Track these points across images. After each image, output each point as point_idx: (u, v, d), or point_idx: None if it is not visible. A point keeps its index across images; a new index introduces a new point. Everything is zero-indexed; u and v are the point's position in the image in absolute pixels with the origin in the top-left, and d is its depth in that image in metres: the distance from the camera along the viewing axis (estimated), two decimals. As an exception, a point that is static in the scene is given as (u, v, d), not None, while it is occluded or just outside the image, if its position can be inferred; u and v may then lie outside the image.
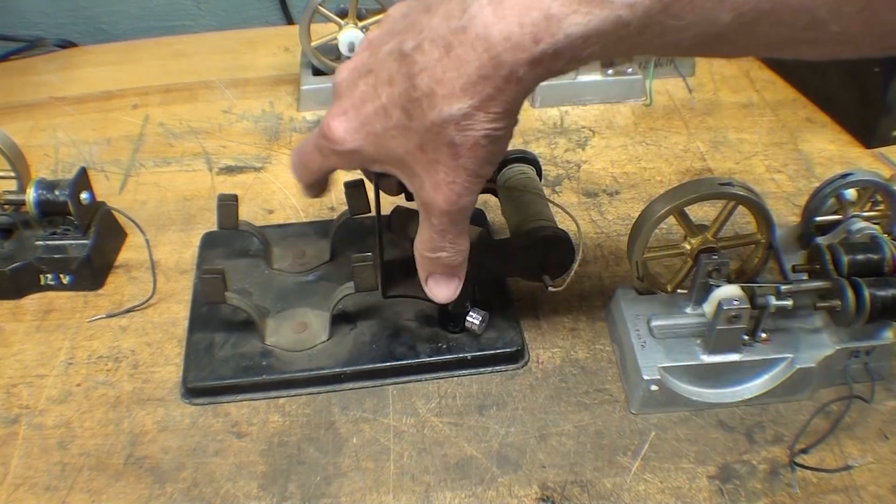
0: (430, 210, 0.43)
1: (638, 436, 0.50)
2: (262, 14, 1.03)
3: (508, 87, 0.37)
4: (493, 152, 0.40)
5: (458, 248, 0.46)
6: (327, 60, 0.81)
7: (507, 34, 0.35)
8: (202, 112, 0.81)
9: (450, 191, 0.41)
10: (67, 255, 0.59)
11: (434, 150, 0.40)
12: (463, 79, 0.37)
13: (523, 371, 0.54)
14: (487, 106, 0.37)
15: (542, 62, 0.35)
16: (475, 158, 0.40)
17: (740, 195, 0.51)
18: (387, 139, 0.41)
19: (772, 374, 0.51)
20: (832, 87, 0.79)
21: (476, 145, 0.39)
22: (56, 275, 0.59)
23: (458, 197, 0.42)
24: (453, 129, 0.38)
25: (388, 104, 0.40)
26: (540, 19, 0.34)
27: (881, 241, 0.50)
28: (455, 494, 0.47)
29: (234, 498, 0.47)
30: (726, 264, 0.51)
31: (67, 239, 0.60)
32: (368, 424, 0.51)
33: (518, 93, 0.37)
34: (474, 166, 0.40)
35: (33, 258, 0.59)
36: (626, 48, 0.36)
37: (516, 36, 0.35)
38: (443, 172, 0.41)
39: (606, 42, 0.35)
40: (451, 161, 0.40)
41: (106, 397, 0.52)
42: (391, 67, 0.40)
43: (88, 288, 0.60)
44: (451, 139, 0.39)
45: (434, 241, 0.45)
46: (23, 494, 0.47)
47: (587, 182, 0.71)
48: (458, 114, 0.38)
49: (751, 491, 0.47)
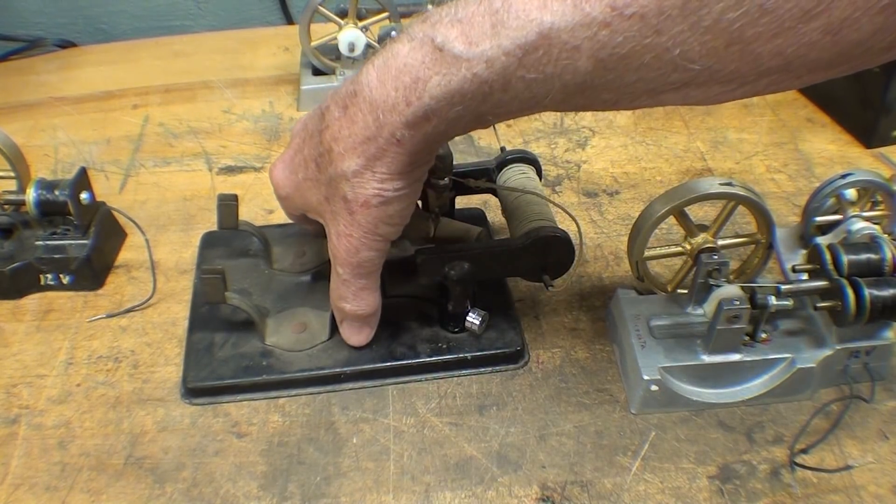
0: (335, 259, 0.46)
1: (638, 436, 0.50)
2: (262, 14, 1.03)
3: (391, 149, 0.39)
4: (388, 213, 0.43)
5: (361, 301, 0.48)
6: (327, 60, 0.81)
7: (385, 97, 0.38)
8: (202, 112, 0.81)
9: (348, 243, 0.44)
10: (67, 255, 0.59)
11: (333, 202, 0.43)
12: (353, 138, 0.40)
13: (523, 371, 0.54)
14: (374, 165, 0.40)
15: (415, 124, 0.38)
16: (368, 216, 0.42)
17: (740, 195, 0.51)
18: (304, 188, 0.45)
19: (772, 374, 0.51)
20: (832, 88, 0.79)
21: (367, 203, 0.42)
22: (56, 275, 0.59)
23: (355, 250, 0.44)
24: (346, 185, 0.41)
25: (307, 156, 0.44)
26: (409, 83, 0.36)
27: (881, 241, 0.50)
28: (455, 494, 0.47)
29: (234, 498, 0.47)
30: (726, 264, 0.51)
31: (67, 239, 0.60)
32: (368, 424, 0.51)
33: (402, 155, 0.39)
34: (368, 224, 0.43)
35: (33, 258, 0.59)
36: (495, 108, 0.37)
37: (392, 99, 0.37)
38: (342, 224, 0.44)
39: (471, 102, 0.36)
40: (346, 215, 0.43)
41: (106, 397, 0.52)
42: (315, 124, 0.44)
43: (88, 288, 0.60)
44: (345, 194, 0.42)
45: (339, 289, 0.48)
46: (23, 494, 0.47)
47: (587, 182, 0.71)
48: (348, 171, 0.41)
49: (751, 491, 0.47)
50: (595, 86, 0.34)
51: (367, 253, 0.45)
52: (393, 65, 0.37)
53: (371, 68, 0.39)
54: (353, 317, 0.50)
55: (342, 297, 0.48)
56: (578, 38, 0.32)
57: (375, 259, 0.46)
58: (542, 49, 0.33)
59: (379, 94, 0.38)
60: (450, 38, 0.35)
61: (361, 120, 0.39)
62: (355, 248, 0.44)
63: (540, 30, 0.33)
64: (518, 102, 0.36)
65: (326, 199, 0.44)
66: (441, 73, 0.36)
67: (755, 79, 0.33)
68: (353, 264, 0.45)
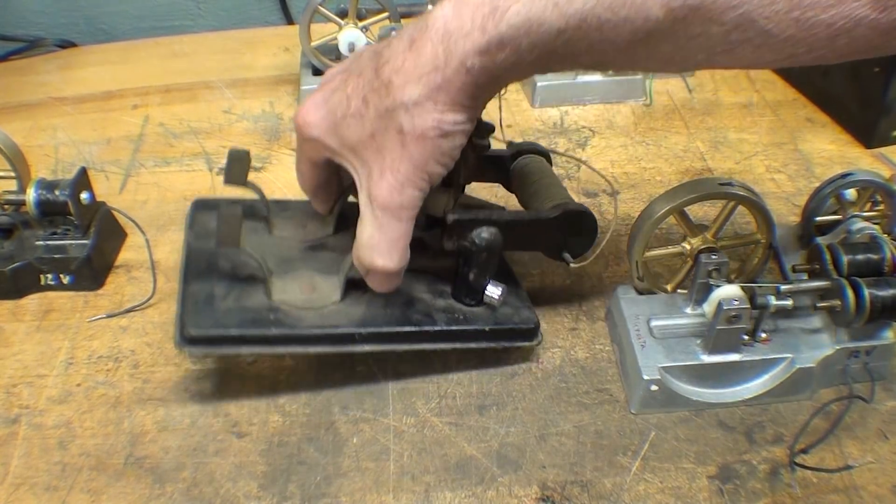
0: (373, 200, 0.44)
1: (638, 436, 0.50)
2: (262, 14, 1.03)
3: (457, 78, 0.39)
4: (441, 148, 0.42)
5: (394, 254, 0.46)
6: (327, 60, 0.81)
7: (460, 26, 0.38)
8: (202, 112, 0.81)
9: (394, 178, 0.43)
10: (68, 255, 0.59)
11: (383, 136, 0.42)
12: (418, 69, 0.40)
13: (524, 369, 0.54)
14: (437, 95, 0.40)
15: (488, 51, 0.38)
16: (422, 149, 0.42)
17: (740, 195, 0.51)
18: (343, 126, 0.43)
19: (772, 374, 0.51)
20: (832, 87, 0.79)
21: (423, 136, 0.41)
22: (56, 275, 0.59)
23: (400, 187, 0.43)
24: (403, 115, 0.41)
25: (350, 93, 0.43)
26: (488, 12, 0.37)
27: (881, 241, 0.50)
28: (455, 494, 0.47)
29: (234, 498, 0.47)
30: (726, 264, 0.51)
31: (68, 239, 0.59)
32: (368, 424, 0.51)
33: (467, 85, 0.40)
34: (420, 157, 0.42)
35: (33, 258, 0.59)
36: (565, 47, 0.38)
37: (467, 27, 0.38)
38: (389, 159, 0.42)
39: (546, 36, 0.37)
40: (398, 148, 0.42)
41: (106, 397, 0.52)
42: (365, 64, 0.43)
43: (89, 288, 0.60)
44: (400, 125, 0.41)
45: (372, 238, 0.45)
46: (23, 494, 0.47)
47: (587, 182, 0.71)
48: (409, 100, 0.40)
49: (751, 491, 0.47)
50: (660, 36, 0.36)
51: (411, 191, 0.43)
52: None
53: (446, 3, 0.39)
54: (381, 272, 0.47)
55: (374, 248, 0.46)
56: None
57: (417, 200, 0.44)
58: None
59: (454, 24, 0.38)
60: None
61: (430, 51, 0.39)
62: (400, 185, 0.43)
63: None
64: (586, 45, 0.37)
65: (372, 135, 0.42)
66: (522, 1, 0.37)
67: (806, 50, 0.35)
68: (396, 205, 0.43)
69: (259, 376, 0.54)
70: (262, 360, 0.55)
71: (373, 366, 0.54)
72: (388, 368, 0.54)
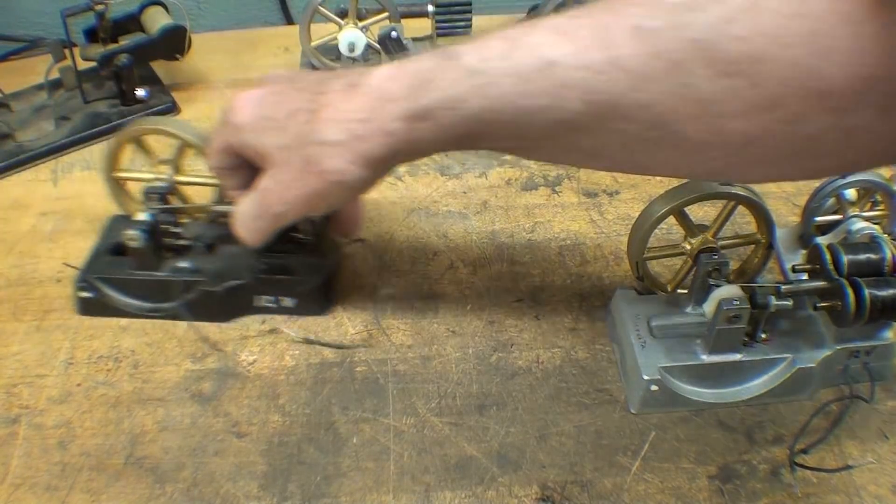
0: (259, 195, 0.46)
1: (638, 436, 0.50)
2: (262, 14, 1.03)
3: (378, 137, 0.41)
4: (332, 192, 0.43)
5: (254, 234, 0.49)
6: (327, 60, 0.81)
7: (392, 90, 0.40)
8: (202, 112, 0.81)
9: (281, 194, 0.45)
10: (294, 275, 0.55)
11: (291, 154, 0.44)
12: (347, 113, 0.41)
13: (524, 369, 0.54)
14: (353, 145, 0.41)
15: (412, 119, 0.40)
16: (316, 185, 0.43)
17: (740, 195, 0.51)
18: (265, 127, 0.45)
19: (772, 374, 0.51)
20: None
21: (323, 175, 0.43)
22: (277, 297, 0.56)
23: (283, 203, 0.45)
24: (315, 148, 0.42)
25: (284, 103, 0.44)
26: (418, 84, 0.39)
27: (881, 241, 0.50)
28: (455, 494, 0.47)
29: (235, 498, 0.47)
30: (726, 264, 0.51)
31: (294, 257, 0.55)
32: (368, 424, 0.51)
33: (384, 146, 0.41)
34: (310, 191, 0.44)
35: (251, 277, 0.55)
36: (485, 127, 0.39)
37: (399, 93, 0.40)
38: (287, 176, 0.44)
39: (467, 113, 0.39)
40: (298, 172, 0.44)
41: (106, 397, 0.52)
42: (308, 84, 0.45)
43: (315, 313, 0.57)
44: (309, 155, 0.43)
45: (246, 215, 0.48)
46: (23, 494, 0.47)
47: (587, 182, 0.71)
48: (326, 138, 0.42)
49: (751, 491, 0.47)
50: (579, 128, 0.37)
51: (291, 212, 0.46)
52: (409, 67, 0.40)
53: (385, 66, 0.42)
54: (241, 237, 0.50)
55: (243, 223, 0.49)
56: (575, 77, 0.36)
57: (289, 220, 0.47)
58: (542, 80, 0.36)
59: (389, 86, 0.40)
60: (465, 52, 0.39)
61: (362, 102, 0.41)
62: (283, 202, 0.45)
63: (543, 63, 0.36)
64: (507, 131, 0.39)
65: (285, 147, 0.44)
66: (449, 78, 0.38)
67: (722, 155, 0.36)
68: (272, 213, 0.46)
69: (259, 376, 0.54)
70: (262, 360, 0.55)
71: (373, 365, 0.54)
72: (388, 368, 0.54)
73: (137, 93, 0.79)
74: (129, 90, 0.78)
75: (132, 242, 0.55)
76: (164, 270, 0.57)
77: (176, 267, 0.57)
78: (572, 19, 0.37)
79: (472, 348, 0.55)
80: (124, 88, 0.78)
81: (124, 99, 0.78)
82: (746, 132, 0.35)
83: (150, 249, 0.56)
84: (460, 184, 0.70)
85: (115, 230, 0.60)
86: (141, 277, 0.57)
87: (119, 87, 0.78)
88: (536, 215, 0.67)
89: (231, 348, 0.56)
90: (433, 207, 0.67)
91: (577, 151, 0.40)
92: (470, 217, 0.66)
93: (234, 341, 0.56)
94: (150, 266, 0.57)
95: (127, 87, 0.78)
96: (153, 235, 0.56)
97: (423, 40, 0.85)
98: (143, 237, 0.55)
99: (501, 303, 0.59)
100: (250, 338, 0.56)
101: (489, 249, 0.63)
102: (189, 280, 0.56)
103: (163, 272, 0.57)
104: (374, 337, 0.56)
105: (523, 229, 0.65)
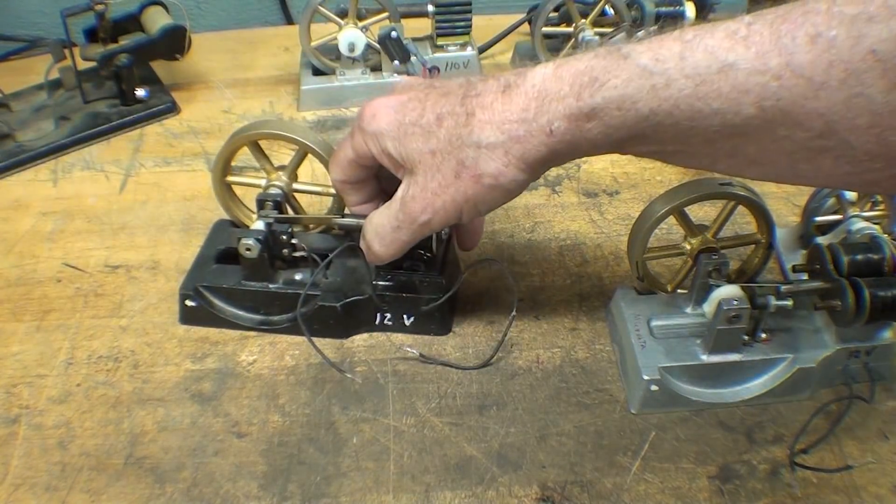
0: (402, 205, 0.46)
1: (638, 436, 0.50)
2: (262, 14, 1.03)
3: (538, 138, 0.40)
4: (487, 196, 0.43)
5: (391, 248, 0.48)
6: (327, 60, 0.81)
7: (557, 88, 0.40)
8: (202, 112, 0.81)
9: (430, 200, 0.44)
10: (417, 294, 0.54)
11: (442, 159, 0.43)
12: (505, 114, 0.41)
13: (524, 369, 0.54)
14: (511, 147, 0.41)
15: (577, 118, 0.39)
16: (471, 189, 0.43)
17: (740, 195, 0.51)
18: (408, 132, 0.44)
19: (772, 374, 0.51)
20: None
21: (479, 178, 0.42)
22: (396, 315, 0.55)
23: (433, 210, 0.44)
24: (471, 151, 0.42)
25: (428, 107, 0.44)
26: (587, 82, 0.39)
27: (881, 241, 0.50)
28: (455, 494, 0.47)
29: (235, 498, 0.47)
30: (726, 264, 0.51)
31: (418, 275, 0.54)
32: (368, 424, 0.51)
33: (544, 147, 0.41)
34: (464, 195, 0.43)
35: (373, 293, 0.54)
36: (651, 130, 0.39)
37: (564, 91, 0.39)
38: (437, 182, 0.44)
39: (635, 115, 0.38)
40: (450, 177, 0.43)
41: (106, 397, 0.52)
42: (453, 88, 0.44)
43: (436, 333, 0.56)
44: (464, 158, 0.42)
45: (382, 227, 0.48)
46: (23, 494, 0.47)
47: (587, 182, 0.71)
48: (483, 140, 0.41)
49: (751, 491, 0.47)
50: (748, 133, 0.37)
51: (437, 220, 0.45)
52: (574, 65, 0.40)
53: (543, 66, 0.41)
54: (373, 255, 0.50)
55: (378, 236, 0.48)
56: (752, 82, 0.35)
57: (436, 229, 0.46)
58: (718, 83, 0.36)
59: (552, 85, 0.40)
60: (638, 51, 0.38)
61: (522, 102, 0.41)
62: (433, 209, 0.44)
63: (721, 65, 0.36)
64: (674, 133, 0.38)
65: (433, 153, 0.43)
66: (622, 77, 0.38)
67: (885, 167, 0.36)
68: (419, 222, 0.45)
69: (259, 376, 0.54)
70: (262, 360, 0.55)
71: (373, 365, 0.54)
72: (388, 368, 0.54)
73: (137, 93, 0.79)
74: (129, 90, 0.78)
75: (248, 252, 0.53)
76: (277, 282, 0.55)
77: (290, 279, 0.56)
78: (748, 25, 0.36)
79: (472, 348, 0.55)
80: (124, 88, 0.78)
81: (124, 99, 0.78)
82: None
83: (264, 260, 0.54)
84: (460, 184, 0.70)
85: (219, 236, 0.59)
86: (254, 288, 0.55)
87: (119, 87, 0.78)
88: (536, 215, 0.67)
89: (231, 348, 0.56)
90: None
91: (739, 157, 0.39)
92: (470, 217, 0.66)
93: (235, 341, 0.56)
94: (262, 277, 0.55)
95: (127, 87, 0.78)
96: (268, 245, 0.54)
97: (423, 40, 0.85)
98: (259, 247, 0.53)
99: (501, 303, 0.59)
100: (250, 338, 0.56)
101: (489, 249, 0.63)
102: (309, 294, 0.54)
103: (276, 284, 0.55)
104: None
105: (523, 229, 0.65)
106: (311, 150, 0.56)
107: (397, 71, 0.79)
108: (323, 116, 0.80)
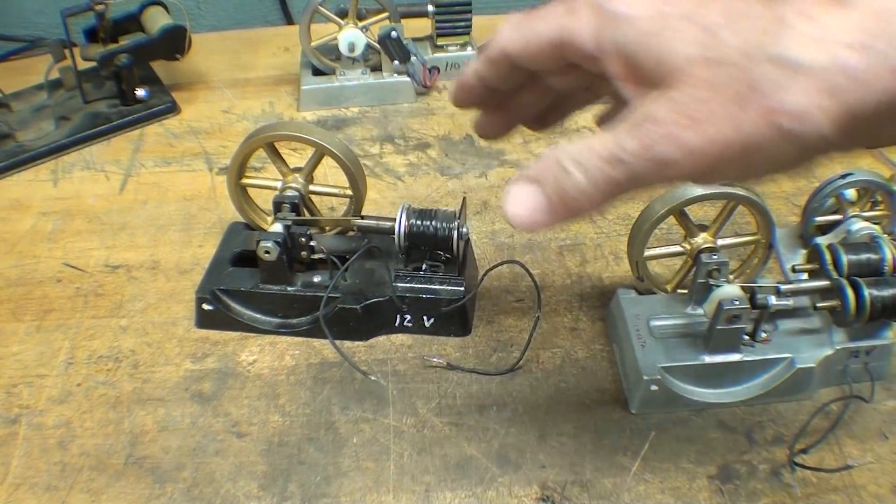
0: (639, 128, 0.30)
1: (638, 436, 0.50)
2: (262, 14, 1.03)
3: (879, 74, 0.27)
4: (772, 149, 0.29)
5: (596, 198, 0.32)
6: (327, 60, 0.81)
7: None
8: (202, 112, 0.81)
9: (687, 127, 0.29)
10: (438, 296, 0.54)
11: (719, 71, 0.29)
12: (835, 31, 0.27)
13: (524, 369, 0.54)
14: (836, 81, 0.27)
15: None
16: (751, 127, 0.28)
17: (740, 195, 0.51)
18: (673, 28, 0.30)
19: (772, 374, 0.51)
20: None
21: (774, 112, 0.28)
22: (416, 317, 0.54)
23: (681, 146, 0.29)
24: (771, 70, 0.28)
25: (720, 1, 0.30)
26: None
27: (881, 241, 0.50)
28: (455, 494, 0.47)
29: (235, 498, 0.47)
30: (726, 264, 0.51)
31: (438, 277, 0.54)
32: (368, 424, 0.51)
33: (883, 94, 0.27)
34: (738, 135, 0.28)
35: (394, 295, 0.53)
36: None
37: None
38: (706, 107, 0.29)
39: None
40: (723, 100, 0.28)
41: (106, 397, 0.52)
42: None
43: (456, 334, 0.56)
44: (757, 79, 0.28)
45: (593, 153, 0.31)
46: (23, 494, 0.47)
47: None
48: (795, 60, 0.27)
49: (751, 491, 0.47)
50: None
51: (686, 166, 0.29)
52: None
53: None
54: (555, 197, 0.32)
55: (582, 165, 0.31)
56: None
57: (678, 178, 0.31)
58: None
59: None
60: None
61: (858, 20, 0.27)
62: (681, 144, 0.29)
63: None
64: None
65: (708, 61, 0.29)
66: None
67: None
68: (656, 159, 0.30)
69: (259, 376, 0.54)
70: (262, 360, 0.55)
71: (373, 365, 0.54)
72: (388, 368, 0.54)
73: (137, 93, 0.79)
74: (129, 90, 0.78)
75: (267, 255, 0.52)
76: (295, 285, 0.55)
77: (308, 282, 0.55)
78: None
79: (472, 348, 0.55)
80: (124, 88, 0.78)
81: (124, 99, 0.78)
82: None
83: (282, 262, 0.53)
84: (460, 184, 0.70)
85: (234, 239, 0.59)
86: (272, 291, 0.55)
87: (119, 87, 0.78)
88: (536, 215, 0.67)
89: (231, 348, 0.56)
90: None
91: None
92: (470, 217, 0.66)
93: (235, 341, 0.56)
94: (281, 280, 0.54)
95: (127, 87, 0.78)
96: (286, 248, 0.53)
97: (423, 40, 0.85)
98: (279, 249, 0.52)
99: (501, 303, 0.59)
100: (250, 338, 0.56)
101: (489, 249, 0.63)
102: (329, 296, 0.53)
103: (294, 287, 0.55)
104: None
105: (523, 229, 0.65)
106: (329, 152, 0.55)
107: (397, 71, 0.79)
108: (323, 116, 0.80)
